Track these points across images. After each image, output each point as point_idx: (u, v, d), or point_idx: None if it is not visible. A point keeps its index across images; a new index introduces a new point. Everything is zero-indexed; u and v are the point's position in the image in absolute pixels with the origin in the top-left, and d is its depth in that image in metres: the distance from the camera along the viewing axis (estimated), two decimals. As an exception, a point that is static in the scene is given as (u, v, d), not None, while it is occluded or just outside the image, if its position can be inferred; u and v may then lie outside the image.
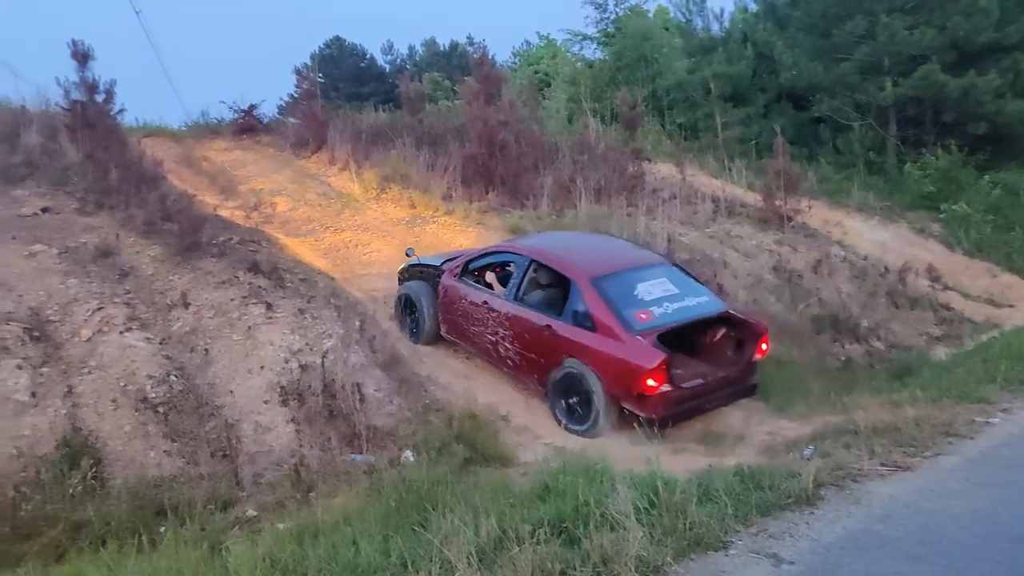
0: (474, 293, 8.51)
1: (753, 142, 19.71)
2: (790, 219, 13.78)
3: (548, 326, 7.62)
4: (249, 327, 7.80)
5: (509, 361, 8.12)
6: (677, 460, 6.54)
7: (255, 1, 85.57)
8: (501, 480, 5.83)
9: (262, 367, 7.40)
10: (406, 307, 9.33)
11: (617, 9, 25.13)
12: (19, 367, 6.67)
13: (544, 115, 20.85)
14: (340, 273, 10.38)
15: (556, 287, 7.94)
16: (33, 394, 6.51)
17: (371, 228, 12.35)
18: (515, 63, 33.60)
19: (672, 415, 7.12)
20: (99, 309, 7.66)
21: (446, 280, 8.84)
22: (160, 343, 7.57)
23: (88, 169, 10.75)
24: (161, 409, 6.77)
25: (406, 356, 8.42)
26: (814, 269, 12.47)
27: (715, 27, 22.55)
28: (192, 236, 9.00)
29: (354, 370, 7.51)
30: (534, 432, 7.64)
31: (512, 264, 8.50)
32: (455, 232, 12.40)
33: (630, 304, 7.32)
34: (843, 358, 10.42)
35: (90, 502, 5.58)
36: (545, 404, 8.05)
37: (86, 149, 10.89)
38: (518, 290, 8.08)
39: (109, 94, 10.98)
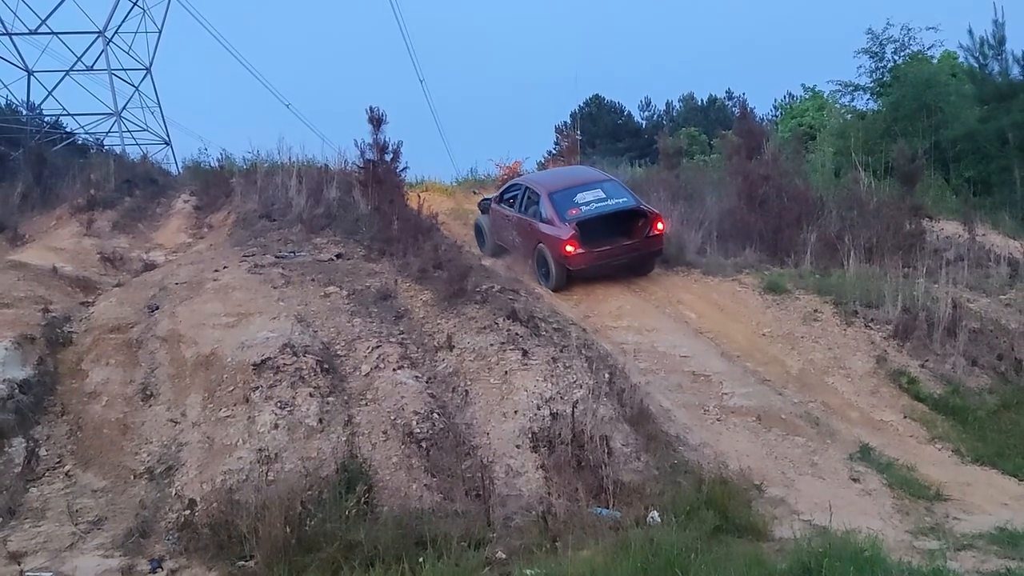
0: (504, 211, 12.97)
1: (1062, 198, 17.14)
2: (1114, 288, 11.73)
3: (530, 223, 12.16)
4: (506, 372, 8.16)
5: (520, 249, 12.56)
6: (964, 557, 5.77)
7: (523, 64, 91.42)
8: (754, 554, 5.50)
9: (516, 412, 7.67)
10: (478, 231, 13.99)
11: (896, 57, 23.35)
12: (311, 395, 7.52)
13: (808, 169, 19.81)
14: (591, 325, 10.54)
15: (538, 202, 12.11)
16: (320, 420, 7.29)
17: (621, 282, 12.40)
18: (777, 116, 32.48)
19: (588, 268, 11.52)
20: (377, 347, 8.45)
21: (492, 206, 13.38)
22: (427, 382, 8.16)
23: (375, 220, 12.04)
24: (424, 444, 7.26)
25: (654, 412, 8.29)
26: None
27: (1015, 71, 20.07)
28: (459, 283, 9.67)
29: (603, 422, 7.51)
30: (791, 506, 7.12)
31: (519, 191, 12.78)
32: (707, 287, 12.10)
33: (568, 206, 11.69)
34: None
35: (362, 525, 6.08)
36: (802, 476, 7.72)
37: (374, 202, 12.23)
38: (521, 206, 12.49)
39: (396, 153, 12.27)
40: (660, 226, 11.71)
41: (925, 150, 17.37)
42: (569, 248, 11.26)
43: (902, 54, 22.93)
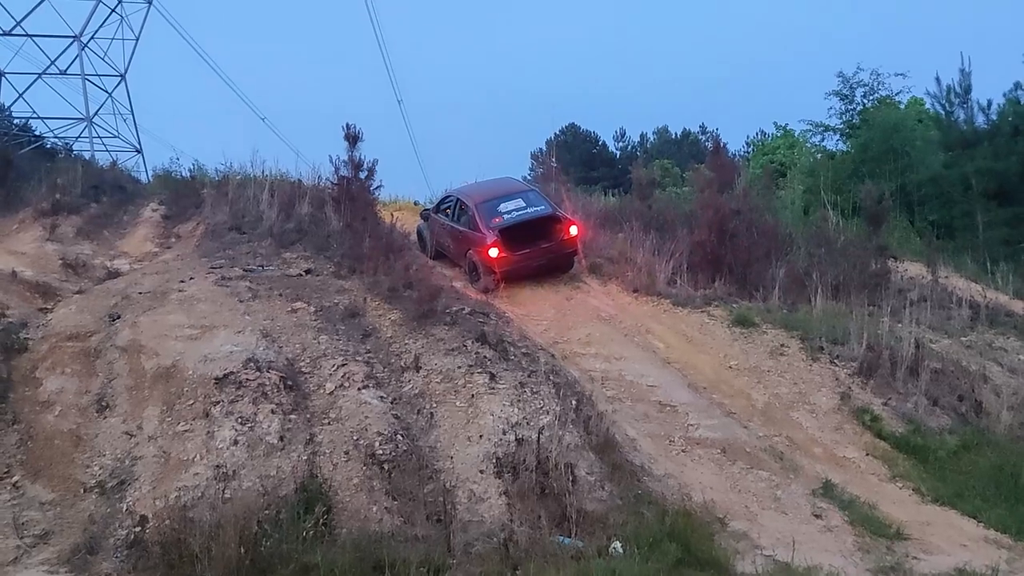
0: (441, 220, 14.26)
1: (1023, 244, 17.58)
2: (1071, 334, 12.00)
3: (462, 231, 13.43)
4: (472, 395, 8.08)
5: (454, 254, 13.88)
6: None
7: (500, 92, 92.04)
8: (716, 589, 5.45)
9: (481, 436, 7.59)
10: (420, 237, 15.07)
11: (865, 100, 23.96)
12: (272, 412, 7.37)
13: (778, 205, 20.13)
14: (560, 351, 10.50)
15: (467, 212, 13.37)
16: (281, 438, 7.14)
17: (591, 309, 12.42)
18: (748, 152, 33.05)
19: (511, 269, 12.62)
20: (343, 365, 8.33)
21: (431, 215, 14.70)
22: (391, 402, 8.05)
23: (346, 237, 11.93)
24: (386, 466, 7.13)
25: (620, 441, 8.26)
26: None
27: (980, 119, 20.66)
28: (429, 304, 9.60)
29: (568, 450, 7.45)
30: (753, 540, 7.11)
31: (452, 202, 14.03)
32: (676, 318, 12.15)
33: (493, 215, 12.96)
34: None
35: (319, 547, 5.94)
36: (765, 511, 7.76)
37: (346, 219, 12.13)
38: (454, 215, 13.79)
39: (371, 171, 12.20)
40: (573, 230, 13.05)
41: (892, 192, 17.74)
42: (492, 252, 12.58)
43: (871, 98, 23.58)
